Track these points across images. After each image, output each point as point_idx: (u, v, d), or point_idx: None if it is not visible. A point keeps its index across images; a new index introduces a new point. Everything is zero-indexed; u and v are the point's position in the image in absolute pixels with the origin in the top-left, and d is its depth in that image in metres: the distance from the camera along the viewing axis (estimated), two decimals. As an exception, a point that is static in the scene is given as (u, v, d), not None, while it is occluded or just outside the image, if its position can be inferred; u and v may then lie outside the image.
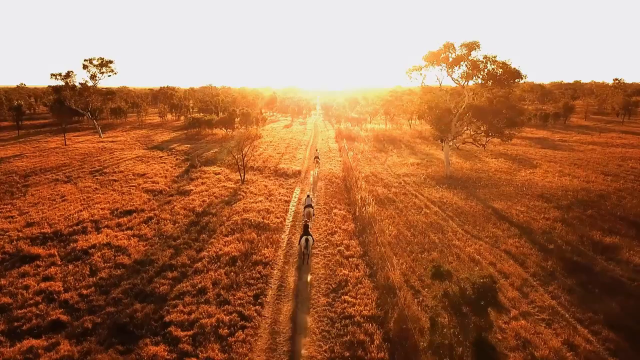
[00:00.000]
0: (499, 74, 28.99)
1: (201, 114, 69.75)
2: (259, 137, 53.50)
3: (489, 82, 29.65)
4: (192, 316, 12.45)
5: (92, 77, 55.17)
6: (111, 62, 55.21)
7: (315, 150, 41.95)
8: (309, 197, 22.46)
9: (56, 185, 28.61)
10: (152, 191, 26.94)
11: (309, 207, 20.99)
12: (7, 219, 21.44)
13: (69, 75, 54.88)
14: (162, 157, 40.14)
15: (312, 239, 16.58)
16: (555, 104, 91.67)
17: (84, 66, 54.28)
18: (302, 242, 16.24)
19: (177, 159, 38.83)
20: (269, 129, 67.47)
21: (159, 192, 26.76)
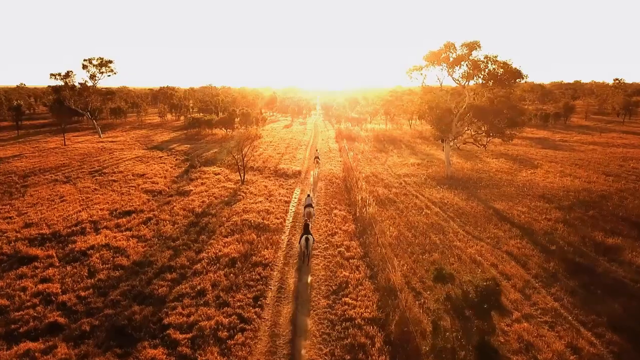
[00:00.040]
0: (499, 74, 28.86)
1: (201, 114, 69.67)
2: (259, 137, 53.37)
3: (489, 82, 29.51)
4: (191, 318, 12.32)
5: (92, 77, 55.05)
6: (111, 62, 55.12)
7: (315, 150, 41.81)
8: (309, 196, 22.32)
9: (55, 185, 28.49)
10: (152, 192, 26.81)
11: (309, 207, 20.84)
12: (6, 219, 21.31)
13: (68, 75, 54.81)
14: (161, 157, 40.01)
15: (313, 238, 16.46)
16: (555, 104, 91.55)
17: (84, 66, 54.16)
18: (302, 241, 16.13)
19: (176, 159, 38.70)
20: (269, 129, 67.34)
21: (158, 193, 26.64)
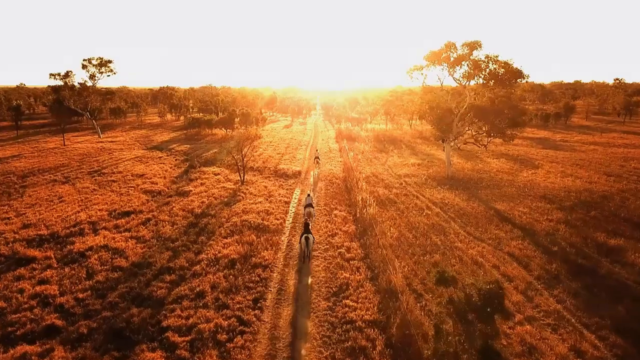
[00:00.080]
0: (500, 74, 28.74)
1: (201, 114, 69.55)
2: (259, 137, 53.23)
3: (490, 82, 29.39)
4: (190, 321, 12.18)
5: (91, 77, 54.93)
6: (110, 61, 54.98)
7: (315, 150, 41.66)
8: (309, 196, 22.22)
9: (54, 186, 28.35)
10: (151, 192, 26.67)
11: (309, 206, 20.72)
12: (4, 220, 21.17)
13: (67, 75, 54.69)
14: (161, 157, 39.87)
15: (313, 238, 16.45)
16: (555, 104, 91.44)
17: (83, 66, 54.03)
18: (303, 240, 16.12)
19: (176, 160, 38.56)
20: (269, 129, 67.20)
21: (157, 193, 26.50)
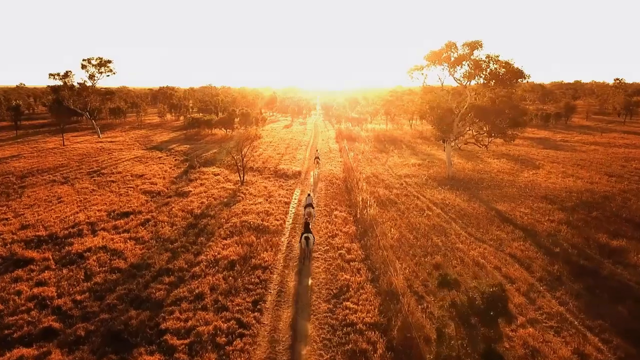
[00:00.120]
0: (501, 74, 28.61)
1: (200, 114, 69.41)
2: (259, 137, 53.12)
3: (491, 81, 29.26)
4: (189, 323, 12.04)
5: (91, 77, 54.83)
6: (110, 61, 54.88)
7: (315, 150, 41.53)
8: (309, 196, 22.12)
9: (53, 186, 28.21)
10: (150, 192, 26.54)
11: (309, 206, 20.61)
12: (2, 221, 21.03)
13: (67, 75, 54.57)
14: (160, 157, 39.74)
15: (313, 237, 16.46)
16: (556, 104, 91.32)
17: (83, 66, 53.92)
18: (303, 240, 16.12)
19: (176, 160, 38.43)
20: (269, 129, 67.08)
21: (157, 194, 26.37)
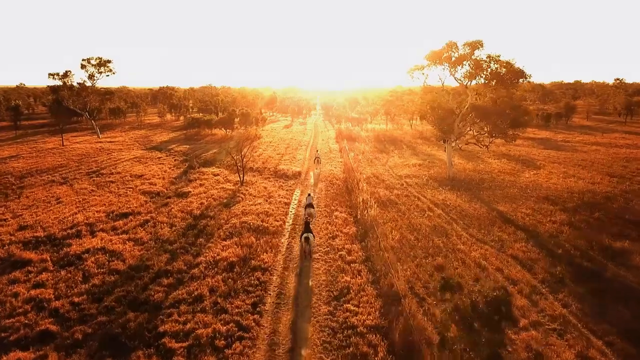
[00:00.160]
0: (502, 74, 28.46)
1: (200, 114, 69.26)
2: (259, 137, 52.96)
3: (492, 81, 29.11)
4: (188, 326, 11.90)
5: (90, 76, 54.70)
6: (109, 61, 54.78)
7: (315, 150, 41.40)
8: (309, 196, 22.04)
9: (52, 186, 28.07)
10: (150, 193, 26.40)
11: (309, 207, 20.52)
12: (0, 222, 20.90)
13: (66, 75, 54.43)
14: (160, 158, 39.60)
15: (313, 236, 16.56)
16: (556, 104, 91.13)
17: (82, 66, 53.81)
18: (303, 240, 16.17)
19: (175, 160, 38.29)
20: (269, 129, 66.93)
21: (156, 194, 26.23)
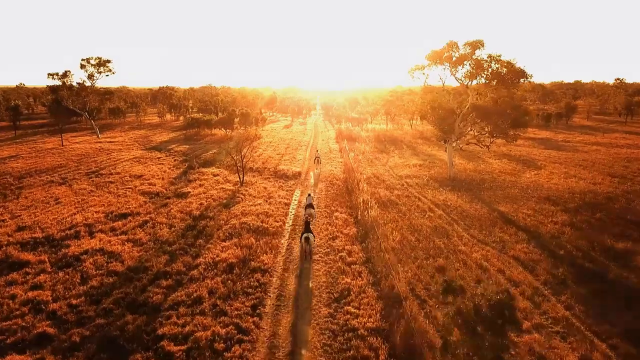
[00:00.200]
0: (503, 74, 28.34)
1: (200, 114, 69.12)
2: (259, 137, 52.81)
3: (493, 81, 28.99)
4: (187, 329, 11.76)
5: (90, 76, 54.58)
6: (109, 61, 54.66)
7: (316, 150, 41.27)
8: (309, 196, 21.92)
9: (51, 187, 27.94)
10: (149, 193, 26.27)
11: (309, 207, 20.41)
12: (-2, 222, 20.78)
13: (66, 74, 54.30)
14: (160, 158, 39.47)
15: (313, 236, 16.52)
16: (556, 104, 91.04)
17: (82, 66, 53.69)
18: (303, 240, 16.12)
19: (175, 160, 38.17)
20: (269, 129, 66.80)
21: (155, 195, 26.10)
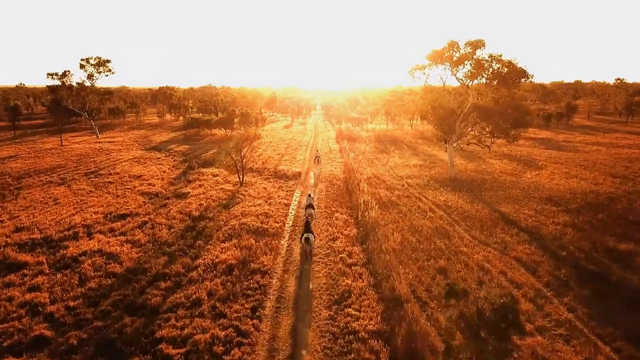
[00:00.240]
0: (504, 73, 28.20)
1: (200, 114, 68.95)
2: (259, 137, 52.52)
3: (494, 81, 28.85)
4: (185, 331, 11.64)
5: (89, 76, 54.43)
6: (108, 61, 54.50)
7: (316, 150, 41.14)
8: (310, 196, 21.79)
9: (49, 187, 27.81)
10: (148, 194, 26.13)
11: (310, 207, 20.29)
12: (-4, 223, 20.65)
13: (65, 74, 54.15)
14: (159, 158, 39.33)
15: (314, 236, 16.46)
16: (557, 104, 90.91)
17: (81, 66, 53.51)
18: (303, 240, 16.05)
19: (174, 160, 38.03)
20: (269, 129, 66.63)
21: (154, 195, 25.96)
